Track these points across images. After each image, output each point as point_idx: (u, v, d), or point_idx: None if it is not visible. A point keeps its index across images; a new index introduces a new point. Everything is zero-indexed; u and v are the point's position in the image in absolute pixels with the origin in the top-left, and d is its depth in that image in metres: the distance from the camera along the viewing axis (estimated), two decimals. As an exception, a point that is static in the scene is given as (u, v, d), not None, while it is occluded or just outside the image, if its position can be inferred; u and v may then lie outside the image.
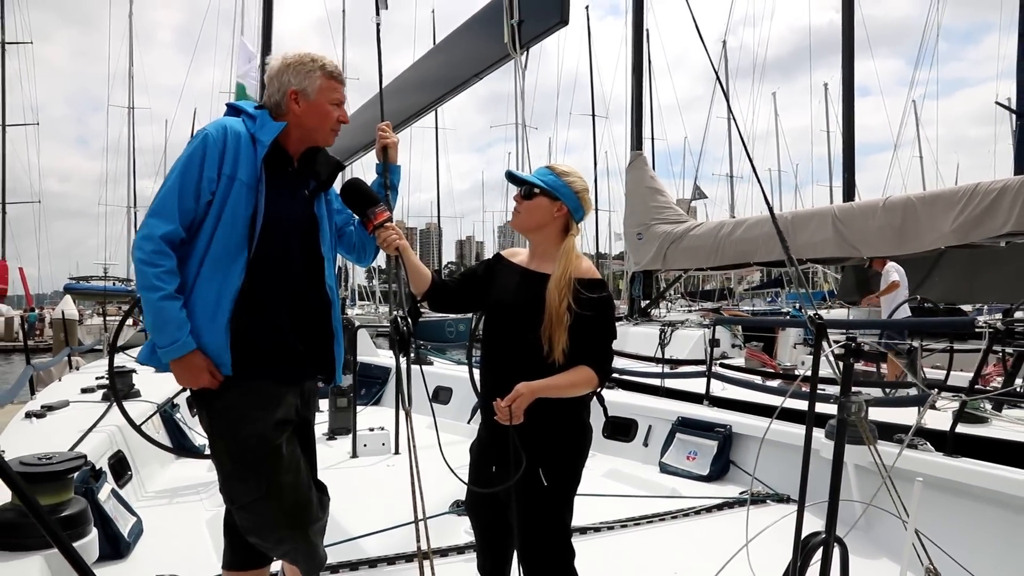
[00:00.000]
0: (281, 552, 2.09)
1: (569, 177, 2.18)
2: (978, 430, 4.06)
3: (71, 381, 5.58)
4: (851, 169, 12.04)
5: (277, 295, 2.03)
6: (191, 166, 1.95)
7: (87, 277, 35.09)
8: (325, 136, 2.16)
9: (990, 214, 6.10)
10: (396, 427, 4.75)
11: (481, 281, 2.29)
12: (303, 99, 2.08)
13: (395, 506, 2.88)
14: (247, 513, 2.00)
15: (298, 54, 2.12)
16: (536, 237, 2.21)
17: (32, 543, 1.87)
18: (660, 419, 4.72)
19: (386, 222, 2.17)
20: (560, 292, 2.02)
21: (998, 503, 2.88)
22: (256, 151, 2.02)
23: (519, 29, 3.06)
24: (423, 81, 3.95)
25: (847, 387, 1.74)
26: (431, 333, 12.85)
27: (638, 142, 11.39)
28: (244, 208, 1.97)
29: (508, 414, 1.97)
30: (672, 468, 4.34)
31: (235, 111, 2.13)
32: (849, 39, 12.34)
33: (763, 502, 3.68)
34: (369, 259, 2.41)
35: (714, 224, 9.65)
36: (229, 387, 1.97)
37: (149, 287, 1.90)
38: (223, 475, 2.03)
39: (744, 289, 27.96)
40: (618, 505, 3.63)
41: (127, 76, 41.68)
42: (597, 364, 2.06)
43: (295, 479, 2.03)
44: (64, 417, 3.95)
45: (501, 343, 2.18)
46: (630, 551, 3.12)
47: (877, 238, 7.25)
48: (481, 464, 2.24)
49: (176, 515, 3.45)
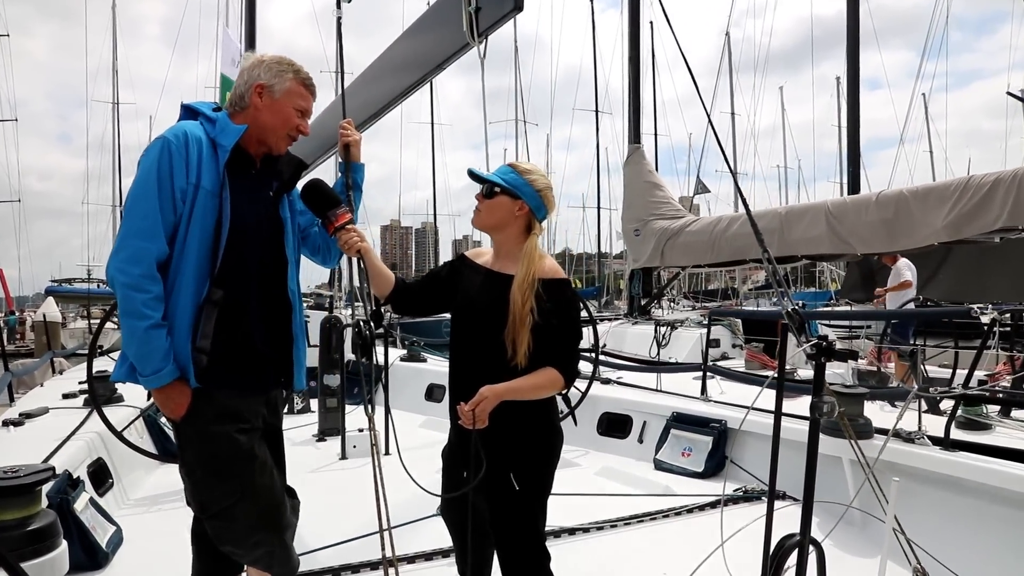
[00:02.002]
0: (255, 557, 2.03)
1: (531, 175, 2.13)
2: (978, 437, 3.87)
3: (53, 386, 5.54)
4: (856, 164, 11.92)
5: (242, 302, 1.98)
6: (163, 178, 1.87)
7: (70, 279, 34.02)
8: (278, 140, 2.09)
9: (982, 209, 5.82)
10: (386, 428, 4.69)
11: (444, 283, 2.25)
12: (267, 95, 2.03)
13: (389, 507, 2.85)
14: (220, 520, 1.95)
15: (277, 56, 2.08)
16: (498, 236, 2.17)
17: None
18: (655, 415, 4.67)
19: (347, 224, 2.11)
20: (523, 293, 1.98)
21: (992, 498, 2.82)
22: (218, 156, 1.96)
23: (476, 17, 3.00)
24: (385, 74, 3.86)
25: (819, 387, 1.67)
26: (427, 332, 12.83)
27: (636, 136, 11.30)
28: (209, 217, 1.91)
29: (472, 418, 1.93)
30: (667, 465, 4.29)
31: (192, 113, 2.06)
32: (854, 31, 12.22)
33: (757, 499, 3.62)
34: (334, 261, 2.36)
35: (710, 220, 9.54)
36: (197, 396, 1.93)
37: (135, 314, 1.83)
38: (192, 483, 1.98)
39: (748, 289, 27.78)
40: (611, 504, 3.58)
41: (111, 70, 40.26)
42: (562, 366, 2.01)
43: (270, 481, 2.00)
44: (43, 425, 3.91)
45: (466, 346, 2.13)
46: (621, 551, 3.08)
47: (870, 234, 7.12)
48: (452, 469, 2.20)
49: (158, 523, 3.40)
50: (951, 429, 3.20)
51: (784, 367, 1.59)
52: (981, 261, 8.82)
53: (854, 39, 12.29)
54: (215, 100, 9.34)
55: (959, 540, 2.67)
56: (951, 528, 2.78)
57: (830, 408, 1.62)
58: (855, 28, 12.30)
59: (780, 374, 1.63)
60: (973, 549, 2.68)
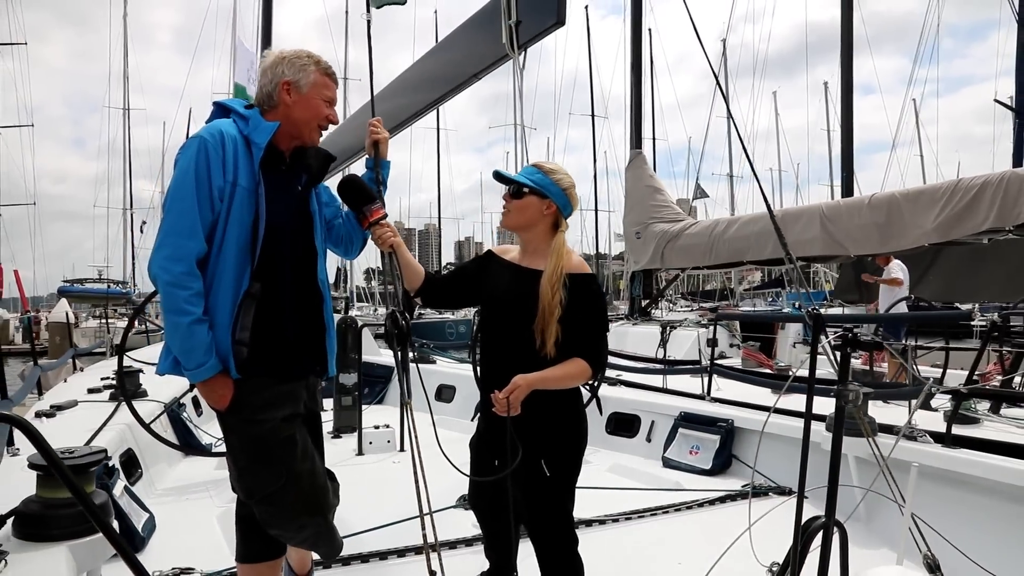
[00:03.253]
0: (301, 538, 2.12)
1: (556, 175, 2.24)
2: (969, 431, 4.07)
3: (76, 383, 5.62)
4: (849, 168, 12.08)
5: (279, 294, 2.05)
6: (200, 176, 1.93)
7: (81, 280, 34.54)
8: (311, 132, 2.14)
9: (971, 211, 5.94)
10: (401, 425, 4.80)
11: (472, 277, 2.36)
12: (295, 91, 2.08)
13: (403, 501, 2.94)
14: (267, 505, 2.02)
15: (295, 50, 2.13)
16: (527, 235, 2.27)
17: (57, 534, 1.91)
18: (662, 415, 4.78)
19: (382, 219, 2.21)
20: (552, 287, 2.09)
21: (995, 493, 2.94)
22: (252, 154, 2.01)
23: (516, 30, 3.11)
24: (421, 82, 3.99)
25: (844, 376, 1.80)
26: (432, 333, 12.94)
27: (637, 141, 11.44)
28: (247, 215, 1.98)
29: (506, 405, 2.03)
30: (675, 463, 4.40)
31: (224, 111, 2.12)
32: (848, 37, 12.40)
33: (765, 494, 3.74)
34: (356, 252, 2.42)
35: (709, 223, 9.68)
36: (239, 386, 2.00)
37: (178, 311, 1.89)
38: (238, 470, 2.05)
39: (745, 289, 27.96)
40: (623, 498, 3.69)
41: (122, 76, 41.35)
42: (590, 356, 2.12)
43: (312, 466, 2.08)
44: (73, 417, 4.00)
45: (496, 338, 2.24)
46: (635, 543, 3.19)
47: (863, 236, 7.27)
48: (482, 458, 2.31)
49: (186, 512, 3.50)
50: (950, 425, 3.33)
51: (815, 367, 1.71)
52: (970, 261, 8.99)
53: (848, 45, 12.47)
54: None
55: (962, 532, 2.79)
56: (954, 521, 2.90)
57: (855, 396, 1.74)
58: (849, 35, 12.47)
59: (811, 373, 1.74)
60: (977, 542, 2.79)
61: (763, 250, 8.47)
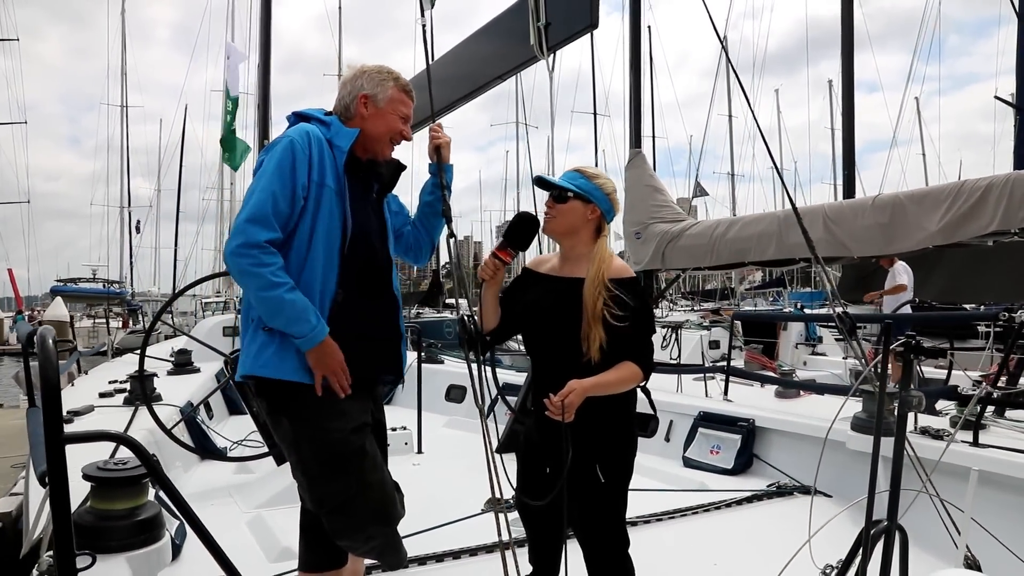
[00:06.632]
0: (368, 548, 2.11)
1: (599, 180, 2.25)
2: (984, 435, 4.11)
3: (84, 386, 5.57)
4: (851, 167, 12.08)
5: (358, 301, 2.06)
6: (283, 171, 1.96)
7: (75, 279, 34.20)
8: (383, 147, 2.19)
9: (976, 213, 5.98)
10: (419, 427, 4.79)
11: (520, 302, 2.32)
12: (372, 105, 2.13)
13: (426, 505, 2.93)
14: (338, 515, 2.01)
15: (376, 65, 2.18)
16: (569, 241, 2.27)
17: (115, 546, 1.89)
18: (681, 414, 4.79)
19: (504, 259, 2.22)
20: (596, 292, 2.10)
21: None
22: (336, 157, 2.05)
23: (546, 32, 3.09)
24: (442, 81, 3.97)
25: (907, 382, 1.81)
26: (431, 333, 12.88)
27: (637, 140, 11.44)
28: (336, 218, 2.01)
29: (561, 409, 2.02)
30: (696, 462, 4.41)
31: (303, 118, 2.15)
32: (848, 33, 12.40)
33: (790, 494, 3.76)
34: (425, 259, 2.47)
35: (710, 223, 9.68)
36: (311, 393, 1.98)
37: (268, 285, 1.88)
38: (309, 480, 2.03)
39: (746, 289, 28.07)
40: (650, 499, 3.68)
41: (120, 73, 41.06)
42: (640, 359, 2.14)
43: (381, 476, 2.08)
44: (92, 423, 3.96)
45: (545, 348, 2.24)
46: (669, 543, 3.18)
47: (866, 237, 7.31)
48: (532, 463, 2.30)
49: (212, 517, 3.44)
50: (976, 430, 3.36)
51: (885, 375, 1.71)
52: (974, 263, 9.06)
53: (848, 42, 12.49)
54: (224, 106, 9.18)
55: (1001, 531, 2.82)
56: (992, 520, 2.93)
57: (918, 402, 1.75)
58: (849, 31, 12.50)
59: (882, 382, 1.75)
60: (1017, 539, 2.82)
61: (766, 251, 8.47)
